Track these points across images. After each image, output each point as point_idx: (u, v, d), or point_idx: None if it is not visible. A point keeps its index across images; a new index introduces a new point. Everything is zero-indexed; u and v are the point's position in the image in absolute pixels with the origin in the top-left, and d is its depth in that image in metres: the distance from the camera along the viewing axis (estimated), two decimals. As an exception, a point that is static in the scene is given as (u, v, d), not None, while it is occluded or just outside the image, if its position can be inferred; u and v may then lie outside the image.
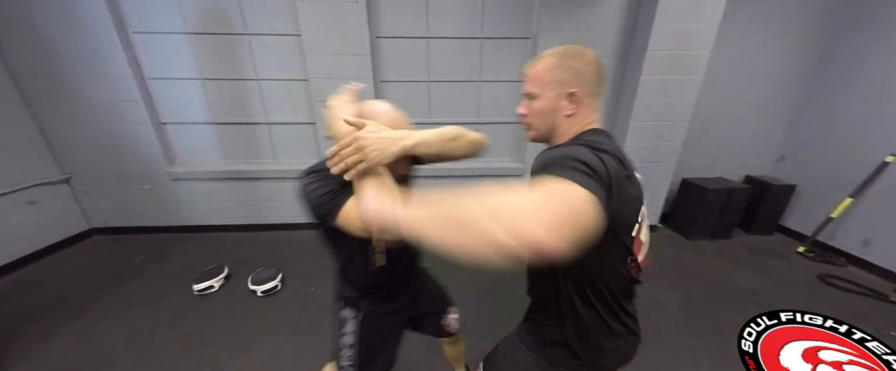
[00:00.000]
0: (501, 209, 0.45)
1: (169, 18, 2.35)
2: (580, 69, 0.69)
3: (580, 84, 0.69)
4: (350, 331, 1.01)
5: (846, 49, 2.61)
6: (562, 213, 0.45)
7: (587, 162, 0.56)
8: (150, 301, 2.07)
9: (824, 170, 2.75)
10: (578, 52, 0.70)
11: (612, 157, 0.60)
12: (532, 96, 0.73)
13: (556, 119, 0.72)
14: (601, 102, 0.75)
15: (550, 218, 0.43)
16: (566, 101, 0.70)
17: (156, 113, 2.61)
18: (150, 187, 2.77)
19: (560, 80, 0.69)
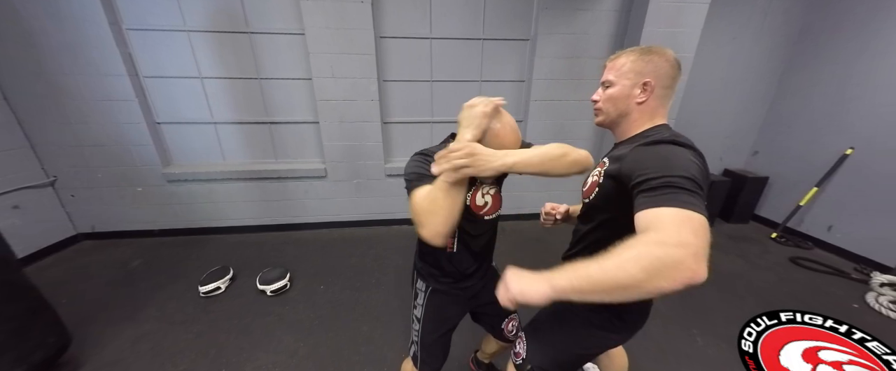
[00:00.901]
0: (657, 268, 0.51)
1: (167, 15, 2.29)
2: (658, 64, 0.76)
3: (656, 76, 0.75)
4: (420, 303, 1.09)
5: (810, 53, 2.88)
6: (703, 249, 0.52)
7: (696, 178, 0.60)
8: (154, 304, 2.02)
9: (793, 162, 3.02)
10: (660, 49, 0.77)
11: (696, 153, 0.67)
12: (608, 84, 0.81)
13: (628, 105, 0.79)
14: (671, 101, 0.80)
15: (699, 262, 0.51)
16: (639, 90, 0.77)
17: (151, 112, 2.53)
18: (143, 189, 2.67)
19: (638, 71, 0.76)
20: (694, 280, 0.50)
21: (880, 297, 2.09)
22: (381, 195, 2.98)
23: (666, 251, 0.51)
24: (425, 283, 1.07)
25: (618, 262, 0.53)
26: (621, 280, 0.53)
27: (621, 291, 0.53)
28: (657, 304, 2.12)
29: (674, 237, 0.53)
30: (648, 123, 0.80)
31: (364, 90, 2.57)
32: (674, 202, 0.57)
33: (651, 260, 0.51)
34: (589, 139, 3.03)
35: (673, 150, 0.67)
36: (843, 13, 2.65)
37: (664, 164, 0.63)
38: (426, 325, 1.09)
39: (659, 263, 0.51)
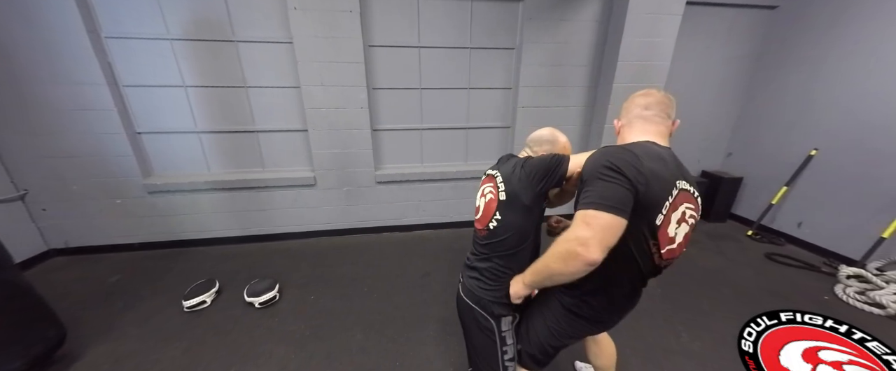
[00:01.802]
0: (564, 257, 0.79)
1: (149, 24, 2.25)
2: (623, 105, 1.02)
3: (621, 113, 1.01)
4: (511, 342, 1.08)
5: (776, 60, 3.08)
6: (592, 238, 0.74)
7: (602, 172, 0.79)
8: (135, 321, 1.94)
9: (764, 163, 3.20)
10: (631, 95, 1.01)
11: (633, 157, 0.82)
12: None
13: (618, 135, 1.03)
14: (647, 123, 0.96)
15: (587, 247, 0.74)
16: (616, 123, 1.04)
17: (130, 122, 2.45)
18: (122, 202, 2.58)
19: (616, 116, 1.05)
20: (588, 263, 0.74)
21: (847, 288, 2.22)
22: (372, 203, 2.97)
23: (567, 245, 0.77)
24: (510, 316, 1.08)
25: (547, 257, 0.84)
26: (552, 268, 0.83)
27: (556, 276, 0.83)
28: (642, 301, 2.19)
29: (571, 233, 0.77)
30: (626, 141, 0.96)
31: (353, 98, 2.58)
32: (581, 203, 0.78)
33: (561, 252, 0.79)
34: (574, 143, 3.12)
35: (595, 154, 0.85)
36: (804, 24, 2.85)
37: (585, 169, 0.84)
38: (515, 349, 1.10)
39: (565, 254, 0.77)
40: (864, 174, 2.49)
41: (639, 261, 0.87)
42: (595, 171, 0.79)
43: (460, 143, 3.04)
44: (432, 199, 3.07)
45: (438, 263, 2.59)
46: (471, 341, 1.15)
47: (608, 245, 0.74)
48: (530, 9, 2.57)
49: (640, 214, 0.79)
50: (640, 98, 0.96)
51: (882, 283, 2.14)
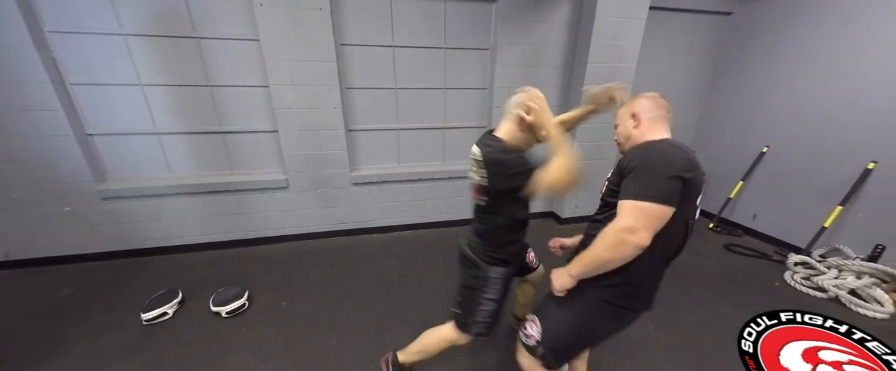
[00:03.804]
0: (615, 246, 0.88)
1: (99, 18, 2.09)
2: (640, 101, 1.05)
3: (640, 109, 1.04)
4: (496, 287, 1.21)
5: (732, 64, 3.29)
6: (641, 226, 0.84)
7: (649, 167, 0.87)
8: (88, 337, 1.80)
9: (724, 160, 3.40)
10: (643, 94, 1.07)
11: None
12: (616, 125, 1.12)
13: (629, 132, 1.05)
14: (664, 122, 1.03)
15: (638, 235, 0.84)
16: (632, 120, 1.04)
17: (80, 123, 2.28)
18: (72, 209, 2.39)
19: (628, 110, 1.06)
20: (638, 247, 0.84)
21: (795, 274, 2.41)
22: (348, 204, 2.91)
23: (617, 235, 0.86)
24: (505, 268, 1.20)
25: (596, 249, 0.91)
26: (602, 258, 0.90)
27: (608, 264, 0.91)
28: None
29: (621, 222, 0.85)
30: (647, 139, 1.00)
31: (326, 98, 2.51)
32: (632, 194, 0.86)
33: (612, 242, 0.87)
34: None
35: (644, 149, 0.92)
36: (756, 30, 3.06)
37: (630, 163, 0.90)
38: (502, 298, 1.24)
39: (617, 242, 0.86)
40: (810, 168, 2.71)
41: (675, 240, 0.97)
42: (644, 163, 0.87)
43: (437, 143, 3.04)
44: (410, 199, 3.04)
45: (416, 264, 2.57)
46: (460, 283, 1.28)
47: (656, 230, 0.84)
48: (503, 10, 2.60)
49: (687, 199, 0.88)
50: (665, 100, 1.05)
51: (824, 268, 2.33)
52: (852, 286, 2.13)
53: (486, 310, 1.23)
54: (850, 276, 2.21)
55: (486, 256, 1.19)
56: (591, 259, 0.93)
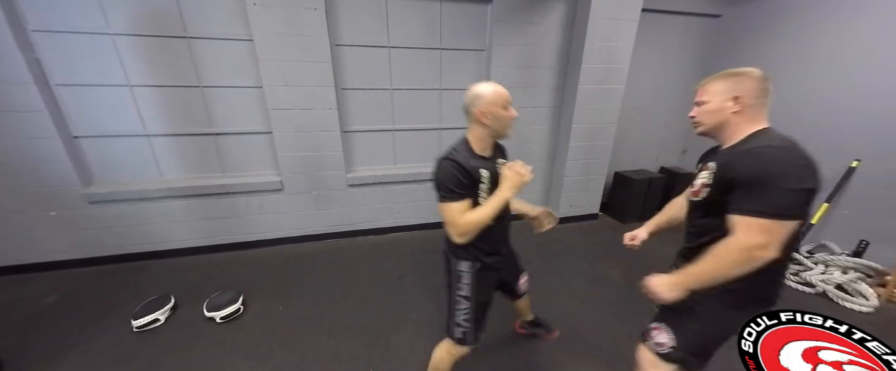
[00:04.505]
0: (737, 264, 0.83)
1: (86, 16, 2.03)
2: (745, 81, 0.90)
3: (744, 92, 0.90)
4: (466, 282, 1.19)
5: (719, 65, 3.35)
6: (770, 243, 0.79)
7: (772, 179, 0.78)
8: (76, 346, 1.75)
9: (713, 159, 3.47)
10: (747, 70, 0.92)
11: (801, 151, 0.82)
12: (702, 103, 0.98)
13: (723, 116, 0.93)
14: (766, 109, 0.92)
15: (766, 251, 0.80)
16: (732, 103, 0.91)
17: (65, 125, 2.21)
18: (58, 214, 2.31)
19: (728, 89, 0.92)
20: (768, 260, 0.80)
21: (784, 270, 2.46)
22: (345, 206, 2.89)
23: (745, 254, 0.81)
24: (471, 262, 1.17)
25: (718, 266, 0.85)
26: (727, 274, 0.84)
27: (730, 278, 0.84)
28: (608, 293, 2.29)
29: (743, 241, 0.81)
30: (748, 129, 0.91)
31: (321, 99, 2.49)
32: (747, 210, 0.80)
33: (738, 260, 0.82)
34: (543, 142, 3.22)
35: (756, 155, 0.83)
36: (743, 32, 3.14)
37: (745, 173, 0.82)
38: (477, 300, 1.21)
39: (746, 260, 0.81)
40: (796, 167, 2.78)
41: (794, 235, 0.90)
42: (765, 174, 0.79)
43: (434, 144, 3.03)
44: (407, 200, 3.03)
45: (414, 265, 2.56)
46: (445, 280, 1.28)
47: (785, 242, 0.80)
48: (498, 11, 2.62)
49: (810, 202, 0.83)
50: (770, 84, 0.91)
51: (811, 264, 2.40)
52: (839, 281, 2.20)
53: (462, 310, 1.21)
54: (836, 272, 2.28)
55: (457, 249, 1.18)
56: (712, 275, 0.87)
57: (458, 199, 1.04)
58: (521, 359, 1.71)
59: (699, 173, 1.01)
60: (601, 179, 3.33)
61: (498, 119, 1.07)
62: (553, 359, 1.71)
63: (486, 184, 1.09)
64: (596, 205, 3.46)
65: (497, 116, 1.07)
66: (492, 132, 1.10)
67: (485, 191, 1.10)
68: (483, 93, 1.06)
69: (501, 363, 1.69)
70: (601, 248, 2.90)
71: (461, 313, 1.21)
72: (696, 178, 1.02)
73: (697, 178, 1.01)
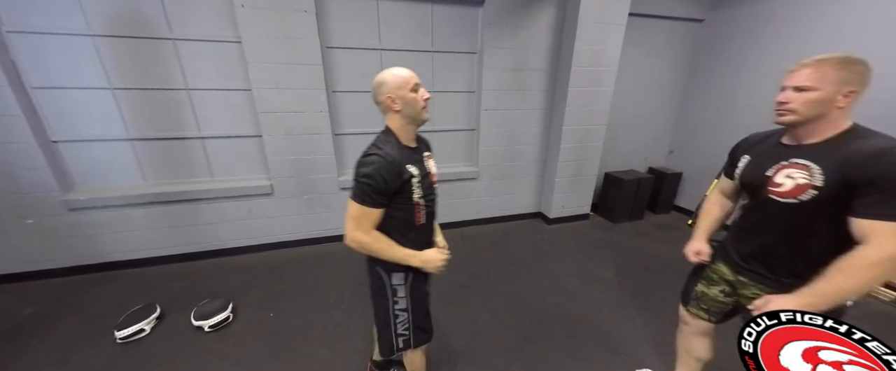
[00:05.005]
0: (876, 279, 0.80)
1: (64, 17, 1.97)
2: (863, 73, 0.82)
3: (861, 85, 0.82)
4: (403, 295, 1.13)
5: (705, 67, 3.45)
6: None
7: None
8: (56, 359, 1.68)
9: (699, 159, 3.57)
10: (863, 60, 0.82)
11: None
12: (806, 89, 0.85)
13: (828, 109, 0.84)
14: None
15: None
16: (843, 96, 0.82)
17: (43, 129, 2.13)
18: (35, 221, 2.22)
19: (844, 80, 0.82)
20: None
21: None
22: (336, 210, 2.86)
23: (886, 268, 0.77)
24: (404, 273, 1.11)
25: (852, 280, 0.80)
26: (869, 287, 0.81)
27: (853, 296, 0.82)
28: (600, 291, 2.32)
29: (890, 250, 0.76)
30: (842, 125, 0.87)
31: (312, 101, 2.46)
32: (887, 215, 0.76)
33: (881, 275, 0.79)
34: (535, 144, 3.25)
35: (891, 153, 0.76)
36: (726, 36, 3.23)
37: (884, 173, 0.76)
38: (416, 309, 1.16)
39: (887, 273, 0.78)
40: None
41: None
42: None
43: (426, 147, 3.03)
44: (399, 203, 3.02)
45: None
46: (371, 292, 1.20)
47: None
48: (489, 14, 2.64)
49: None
50: (870, 73, 0.82)
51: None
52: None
53: (401, 322, 1.16)
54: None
55: (386, 261, 1.08)
56: (847, 292, 0.81)
57: (377, 206, 0.99)
58: (514, 356, 1.72)
59: (779, 171, 0.93)
60: (592, 180, 3.38)
61: (408, 103, 1.01)
62: (547, 357, 1.73)
63: (417, 178, 1.03)
64: (587, 205, 3.51)
65: (406, 100, 1.00)
66: (408, 118, 1.04)
67: (417, 186, 1.03)
68: (385, 79, 1.00)
69: (495, 363, 1.69)
70: (592, 248, 2.94)
71: (402, 324, 1.16)
72: (776, 176, 0.94)
73: (782, 176, 0.92)
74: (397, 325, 1.16)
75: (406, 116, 1.03)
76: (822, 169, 0.85)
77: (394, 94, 0.99)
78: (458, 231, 3.21)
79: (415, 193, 1.04)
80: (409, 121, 1.04)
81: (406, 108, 1.01)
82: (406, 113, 1.02)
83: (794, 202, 0.91)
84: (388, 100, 1.00)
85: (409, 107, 1.01)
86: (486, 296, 2.23)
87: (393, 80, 0.99)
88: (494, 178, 3.22)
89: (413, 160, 1.05)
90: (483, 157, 3.09)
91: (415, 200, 1.05)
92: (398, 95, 0.99)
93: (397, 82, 0.99)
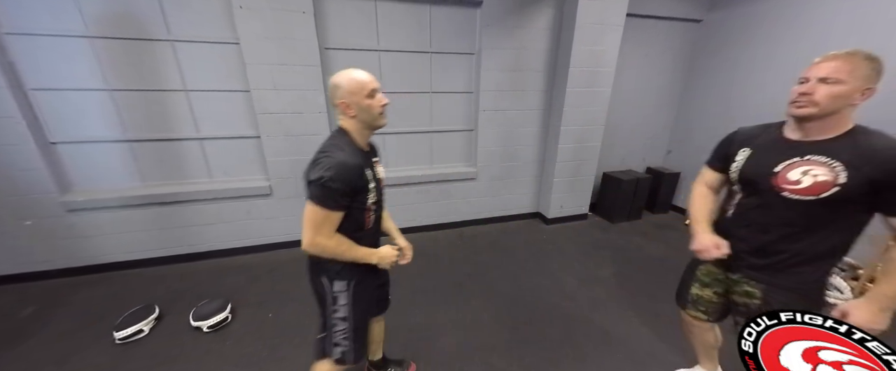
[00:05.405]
0: None
1: (62, 18, 1.97)
2: (880, 72, 0.82)
3: (877, 84, 0.82)
4: (344, 303, 1.10)
5: (702, 68, 3.47)
6: None
7: None
8: (55, 360, 1.68)
9: (697, 158, 3.56)
10: (880, 59, 0.83)
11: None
12: (835, 81, 0.83)
13: (843, 105, 0.84)
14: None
15: None
16: (861, 94, 0.83)
17: (42, 131, 2.13)
18: (34, 223, 2.22)
19: (868, 77, 0.82)
20: None
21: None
22: (335, 210, 2.85)
23: None
24: (345, 281, 1.09)
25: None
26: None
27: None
28: (600, 292, 2.33)
29: None
30: (850, 123, 0.88)
31: (311, 102, 2.47)
32: None
33: None
34: (534, 145, 3.26)
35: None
36: (723, 37, 3.25)
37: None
38: (357, 317, 1.14)
39: None
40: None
41: None
42: None
43: (425, 147, 3.04)
44: (398, 203, 3.02)
45: (405, 269, 2.53)
46: (316, 300, 1.19)
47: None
48: (487, 15, 2.65)
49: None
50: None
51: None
52: (815, 275, 2.29)
53: (340, 331, 1.13)
54: (812, 267, 2.37)
55: (327, 267, 1.07)
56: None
57: (340, 209, 0.96)
58: (511, 355, 1.73)
59: (791, 167, 0.91)
60: (590, 180, 3.39)
61: (364, 109, 0.97)
62: (545, 357, 1.74)
63: (372, 183, 1.02)
64: (585, 205, 3.52)
65: (362, 107, 0.97)
66: (363, 124, 1.01)
67: (372, 191, 1.02)
68: (339, 83, 0.96)
69: (493, 363, 1.70)
70: (591, 248, 2.95)
71: (339, 333, 1.13)
72: (788, 172, 0.92)
73: (797, 172, 0.90)
74: (335, 333, 1.13)
75: (361, 121, 1.00)
76: (843, 166, 0.84)
77: (348, 99, 0.96)
78: (456, 231, 3.22)
79: (369, 198, 1.02)
80: (364, 126, 1.02)
81: (361, 114, 0.98)
82: (361, 118, 0.99)
83: (812, 199, 0.88)
84: (342, 105, 0.97)
85: (365, 113, 0.98)
86: (484, 296, 2.24)
87: (348, 85, 0.96)
88: (493, 179, 3.23)
89: (368, 164, 1.03)
90: (481, 157, 3.10)
91: (367, 205, 1.03)
92: (353, 101, 0.96)
93: (352, 87, 0.95)
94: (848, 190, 0.84)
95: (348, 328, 1.13)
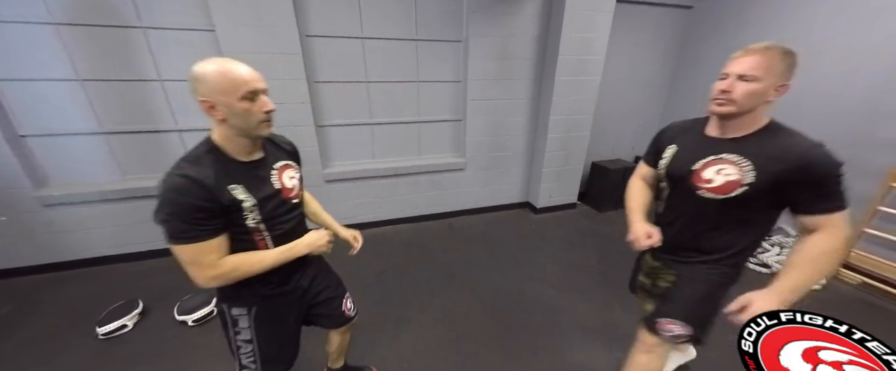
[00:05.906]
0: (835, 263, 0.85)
1: (24, 5, 1.86)
2: (793, 67, 0.82)
3: (791, 80, 0.83)
4: (245, 326, 0.98)
5: (692, 57, 3.45)
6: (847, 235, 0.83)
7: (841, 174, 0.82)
8: (37, 359, 1.66)
9: (684, 148, 3.60)
10: (794, 53, 0.82)
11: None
12: (751, 79, 0.83)
13: (759, 102, 0.85)
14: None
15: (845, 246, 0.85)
16: (775, 90, 0.83)
17: (9, 123, 2.04)
18: (8, 219, 2.16)
19: (782, 73, 0.82)
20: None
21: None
22: (322, 202, 2.78)
23: (840, 254, 0.84)
24: (243, 306, 0.96)
25: (817, 271, 0.85)
26: (818, 279, 0.86)
27: (813, 285, 0.87)
28: (583, 279, 2.37)
29: (840, 240, 0.82)
30: (765, 120, 0.89)
31: (293, 92, 2.40)
32: (839, 205, 0.81)
33: (836, 260, 0.85)
34: (522, 134, 3.25)
35: (818, 146, 0.82)
36: (714, 24, 3.22)
37: (829, 166, 0.80)
38: (263, 340, 1.01)
39: (840, 257, 0.83)
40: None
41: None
42: (835, 170, 0.80)
43: (413, 138, 3.00)
44: (387, 195, 3.01)
45: (395, 260, 2.57)
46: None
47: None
48: (474, 1, 2.57)
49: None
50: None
51: (768, 246, 2.56)
52: (792, 261, 2.36)
53: (246, 353, 1.02)
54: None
55: (225, 291, 0.93)
56: (812, 282, 0.85)
57: (215, 235, 0.77)
58: (496, 343, 1.76)
59: (707, 166, 0.93)
60: (578, 170, 3.40)
61: (237, 114, 0.74)
62: (529, 344, 1.77)
63: (248, 203, 0.80)
64: (574, 195, 3.54)
65: (233, 110, 0.74)
66: (236, 130, 0.78)
67: (250, 210, 0.82)
68: (203, 75, 0.72)
69: (479, 352, 1.73)
70: (577, 237, 2.99)
71: (246, 356, 1.02)
72: (703, 171, 0.94)
73: (711, 171, 0.92)
74: (241, 356, 1.02)
75: (233, 128, 0.78)
76: (752, 165, 0.86)
77: (214, 98, 0.73)
78: (445, 222, 3.23)
79: (247, 219, 0.82)
80: (238, 133, 0.79)
81: (233, 120, 0.76)
82: (233, 124, 0.77)
83: (723, 198, 0.91)
84: (205, 104, 0.74)
85: (238, 118, 0.75)
86: (473, 285, 2.27)
87: (215, 80, 0.72)
88: (481, 169, 3.22)
89: (245, 179, 0.81)
90: (470, 147, 3.08)
91: (248, 228, 0.84)
92: (221, 101, 0.73)
93: (222, 85, 0.72)
94: (755, 189, 0.86)
95: (253, 350, 1.01)
